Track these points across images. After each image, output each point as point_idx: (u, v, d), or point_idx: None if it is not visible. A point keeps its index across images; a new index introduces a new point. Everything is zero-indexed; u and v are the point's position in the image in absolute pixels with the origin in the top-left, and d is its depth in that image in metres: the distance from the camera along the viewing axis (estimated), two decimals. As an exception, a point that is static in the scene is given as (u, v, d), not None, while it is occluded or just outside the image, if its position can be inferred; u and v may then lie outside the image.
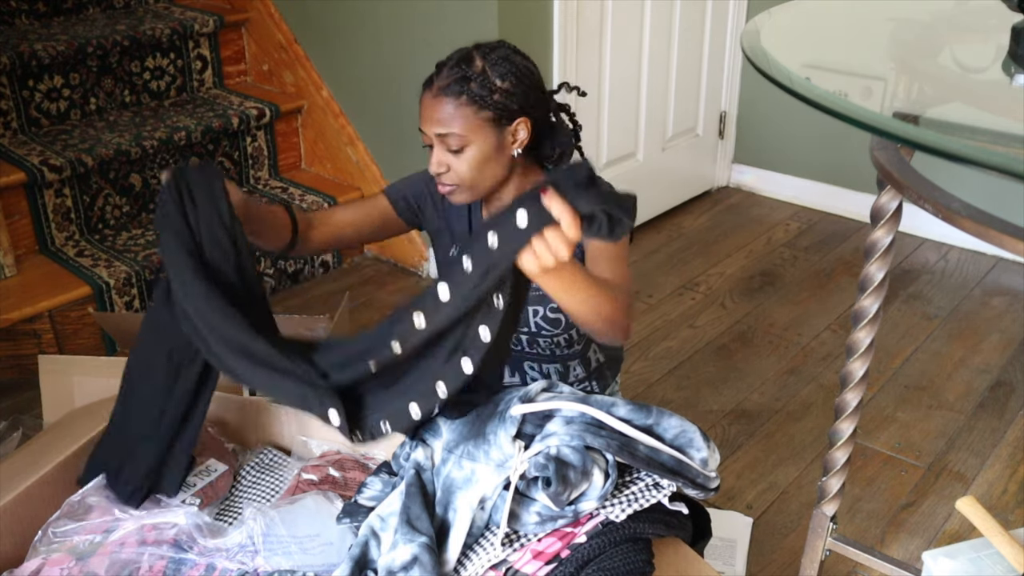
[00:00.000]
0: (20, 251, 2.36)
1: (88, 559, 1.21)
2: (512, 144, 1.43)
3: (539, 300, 1.55)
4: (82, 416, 1.50)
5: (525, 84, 1.41)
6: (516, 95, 1.41)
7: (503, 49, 1.43)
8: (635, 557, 1.10)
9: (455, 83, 1.40)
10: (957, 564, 1.26)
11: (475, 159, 1.42)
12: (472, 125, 1.40)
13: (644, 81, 2.86)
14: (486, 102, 1.39)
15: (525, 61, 1.44)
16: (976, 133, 1.02)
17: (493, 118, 1.40)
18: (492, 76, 1.40)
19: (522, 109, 1.42)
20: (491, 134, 1.41)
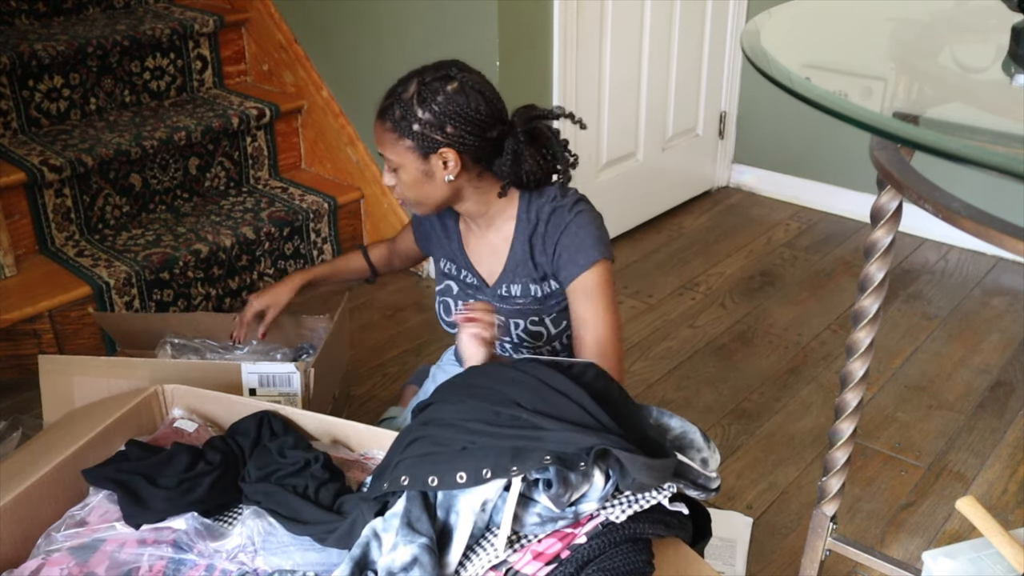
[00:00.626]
0: (20, 251, 2.35)
1: (88, 559, 1.21)
2: (443, 171, 1.44)
3: (519, 313, 1.56)
4: (82, 416, 1.50)
5: (449, 117, 1.40)
6: (436, 127, 1.41)
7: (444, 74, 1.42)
8: (635, 557, 1.10)
9: (387, 107, 1.45)
10: (957, 564, 1.26)
11: (408, 182, 1.47)
12: (397, 150, 1.45)
13: (644, 81, 2.86)
14: (407, 132, 1.42)
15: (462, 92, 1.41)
16: (976, 133, 1.02)
17: (415, 146, 1.42)
18: (415, 106, 1.41)
19: (447, 140, 1.42)
20: (416, 160, 1.44)
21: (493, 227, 1.56)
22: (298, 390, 1.68)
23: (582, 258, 1.47)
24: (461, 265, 1.62)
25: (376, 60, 2.65)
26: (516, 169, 1.47)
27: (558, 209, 1.50)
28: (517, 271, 1.54)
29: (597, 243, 1.48)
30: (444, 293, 1.66)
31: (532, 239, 1.52)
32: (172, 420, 1.47)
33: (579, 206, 1.51)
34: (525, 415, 1.12)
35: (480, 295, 1.60)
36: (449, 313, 1.65)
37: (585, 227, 1.49)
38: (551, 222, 1.50)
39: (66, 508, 1.31)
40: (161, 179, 2.61)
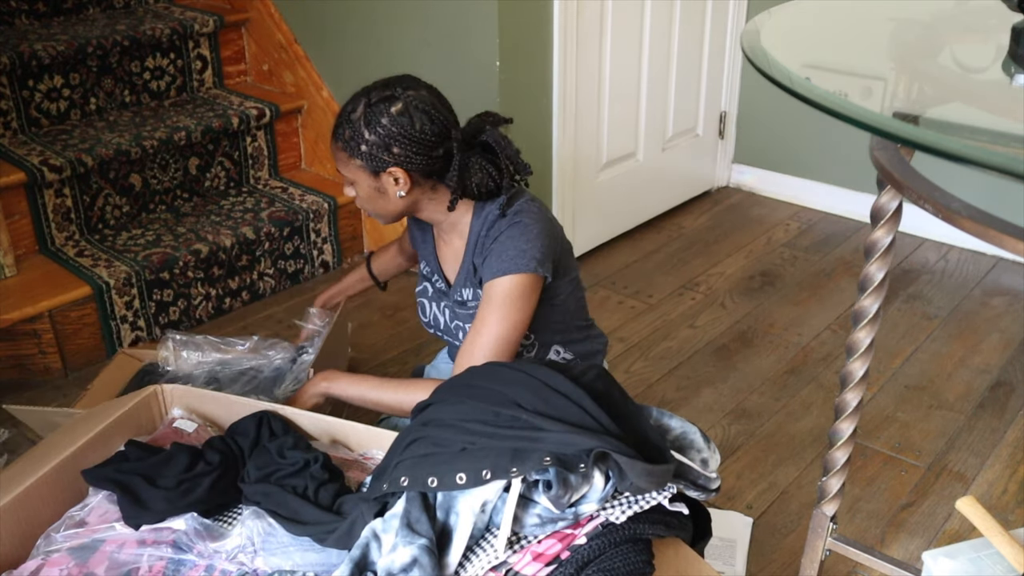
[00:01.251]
0: (20, 251, 2.35)
1: (88, 559, 1.21)
2: (394, 187, 1.47)
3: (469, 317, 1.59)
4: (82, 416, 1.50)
5: (394, 139, 1.42)
6: (383, 149, 1.43)
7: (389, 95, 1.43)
8: (635, 558, 1.10)
9: (337, 127, 1.49)
10: (957, 564, 1.26)
11: (363, 196, 1.53)
12: (349, 169, 1.50)
13: (644, 81, 2.86)
14: (355, 152, 1.46)
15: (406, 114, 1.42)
16: (976, 133, 1.02)
17: (364, 166, 1.45)
18: (362, 127, 1.44)
19: (395, 161, 1.44)
20: (367, 178, 1.48)
21: (456, 232, 1.59)
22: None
23: (498, 265, 1.47)
24: (433, 269, 1.66)
25: (376, 60, 2.65)
26: (463, 183, 1.48)
27: (499, 217, 1.51)
28: (467, 276, 1.57)
29: (521, 255, 1.46)
30: (421, 295, 1.72)
31: (477, 244, 1.54)
32: (171, 420, 1.47)
33: (519, 217, 1.49)
34: (525, 416, 1.12)
35: (445, 299, 1.63)
36: (425, 315, 1.70)
37: (515, 238, 1.47)
38: (492, 228, 1.51)
39: (66, 508, 1.31)
40: (161, 179, 2.61)
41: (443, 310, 1.65)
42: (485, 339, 1.46)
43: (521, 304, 1.47)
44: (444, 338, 1.69)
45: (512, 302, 1.46)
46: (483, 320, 1.47)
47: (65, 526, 1.27)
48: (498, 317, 1.46)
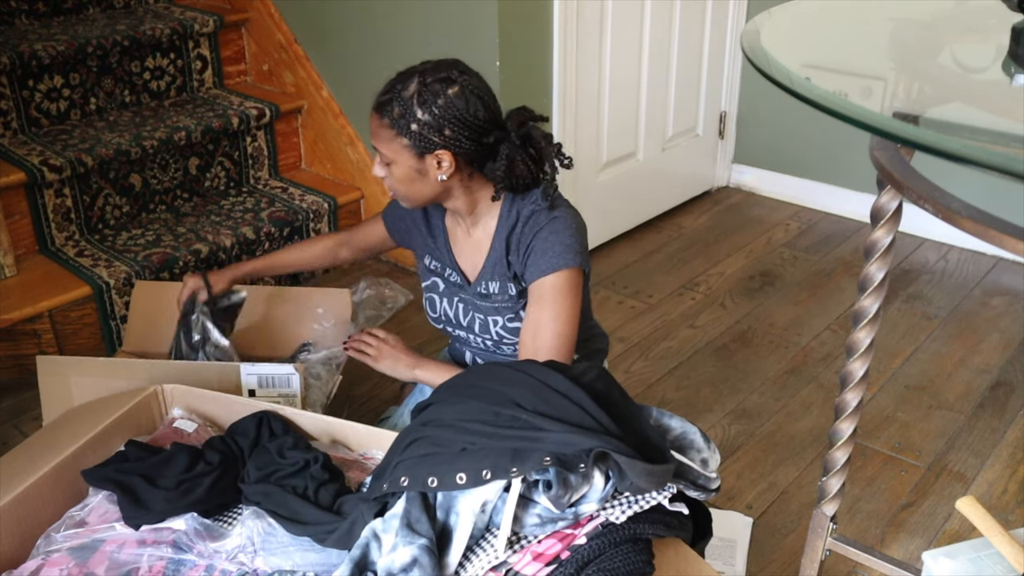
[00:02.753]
0: (20, 251, 2.35)
1: (88, 559, 1.21)
2: (436, 170, 1.45)
3: (496, 311, 1.57)
4: (82, 416, 1.49)
5: (448, 120, 1.41)
6: (435, 129, 1.41)
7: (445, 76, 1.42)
8: (635, 557, 1.10)
9: (385, 103, 1.45)
10: (957, 564, 1.26)
11: (400, 177, 1.48)
12: (393, 147, 1.45)
13: (644, 81, 2.86)
14: (404, 130, 1.43)
15: (462, 96, 1.41)
16: (976, 133, 1.02)
17: (411, 145, 1.42)
18: (415, 106, 1.41)
19: (444, 143, 1.42)
20: (411, 158, 1.45)
21: (479, 224, 1.58)
22: (297, 391, 1.68)
23: (546, 262, 1.47)
24: (446, 264, 1.63)
25: (376, 60, 2.65)
26: (509, 174, 1.48)
27: (536, 212, 1.51)
28: (495, 269, 1.56)
29: (567, 250, 1.47)
30: (430, 290, 1.68)
31: (509, 239, 1.53)
32: (172, 420, 1.47)
33: (558, 211, 1.50)
34: (525, 416, 1.12)
35: (463, 293, 1.61)
36: (435, 310, 1.67)
37: (558, 232, 1.48)
38: (528, 223, 1.51)
39: (66, 508, 1.31)
40: (161, 179, 2.61)
41: (455, 305, 1.63)
42: (546, 337, 1.47)
43: (573, 298, 1.48)
44: (455, 333, 1.67)
45: (564, 297, 1.47)
46: (539, 319, 1.47)
47: (65, 526, 1.27)
48: (554, 314, 1.47)
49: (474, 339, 1.63)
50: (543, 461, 1.06)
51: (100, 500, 1.31)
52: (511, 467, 1.07)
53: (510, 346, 1.60)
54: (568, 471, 1.07)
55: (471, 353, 1.71)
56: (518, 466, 1.07)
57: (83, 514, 1.29)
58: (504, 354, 1.63)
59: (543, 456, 1.07)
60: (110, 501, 1.29)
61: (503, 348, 1.61)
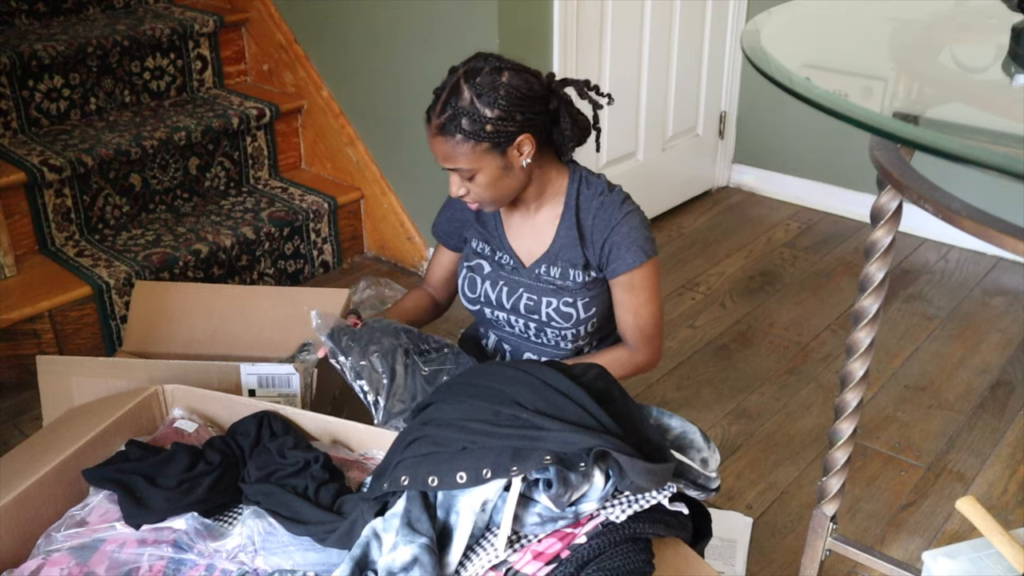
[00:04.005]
0: (20, 251, 2.36)
1: (88, 559, 1.21)
2: (520, 158, 1.48)
3: (554, 293, 1.57)
4: (82, 416, 1.49)
5: (516, 104, 1.42)
6: (508, 119, 1.43)
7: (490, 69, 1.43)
8: (635, 557, 1.10)
9: (448, 122, 1.44)
10: (957, 564, 1.26)
11: (487, 182, 1.48)
12: (474, 157, 1.45)
13: (644, 81, 2.86)
14: (480, 136, 1.43)
15: (514, 76, 1.43)
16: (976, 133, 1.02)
17: (491, 147, 1.43)
18: (481, 108, 1.41)
19: (520, 128, 1.44)
20: (495, 158, 1.46)
21: (543, 209, 1.60)
22: (297, 391, 1.68)
23: (631, 257, 1.53)
24: (497, 247, 1.63)
25: (376, 60, 2.65)
26: (575, 128, 1.53)
27: (607, 204, 1.55)
28: (560, 255, 1.58)
29: (647, 243, 1.55)
30: (474, 270, 1.66)
31: (581, 229, 1.56)
32: (172, 420, 1.47)
33: (627, 205, 1.56)
34: (525, 415, 1.12)
35: (515, 275, 1.61)
36: (474, 290, 1.66)
37: (636, 228, 1.54)
38: (599, 216, 1.55)
39: (66, 508, 1.31)
40: (161, 179, 2.61)
41: (499, 287, 1.62)
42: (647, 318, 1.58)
43: (658, 283, 1.60)
44: (492, 315, 1.65)
45: (654, 283, 1.58)
46: (635, 303, 1.57)
47: (66, 526, 1.27)
48: (648, 298, 1.57)
49: (514, 321, 1.63)
50: (543, 460, 1.06)
51: (101, 500, 1.30)
52: (511, 466, 1.07)
53: (554, 330, 1.60)
54: (568, 470, 1.08)
55: (497, 337, 1.70)
56: (518, 465, 1.07)
57: (84, 514, 1.29)
58: (543, 341, 1.63)
59: (543, 455, 1.07)
60: (111, 501, 1.29)
61: (545, 332, 1.61)
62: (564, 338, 1.60)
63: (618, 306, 1.59)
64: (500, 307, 1.63)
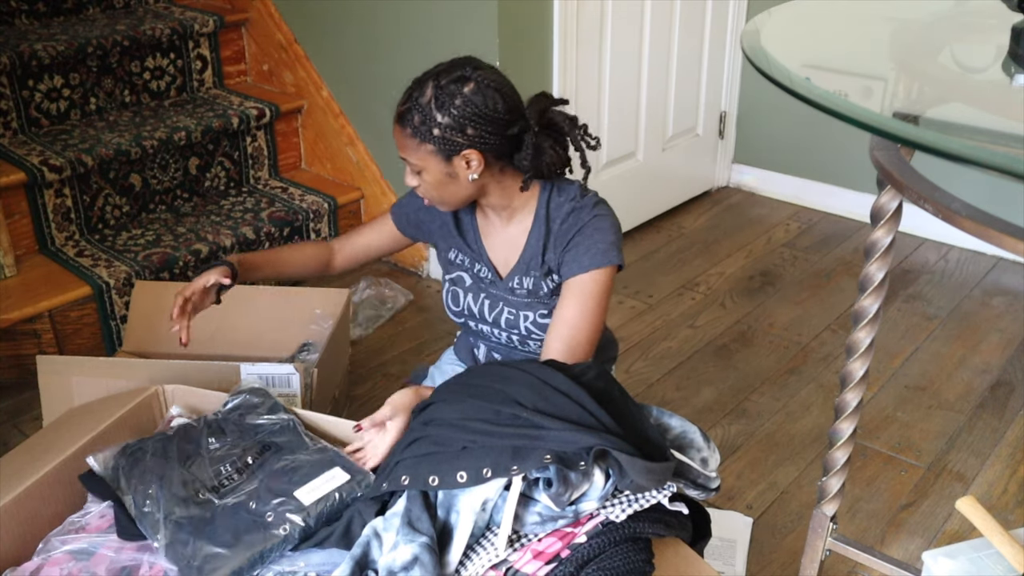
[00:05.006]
0: (20, 251, 2.36)
1: (88, 559, 1.21)
2: (466, 171, 1.44)
3: (528, 306, 1.56)
4: (82, 416, 1.50)
5: (468, 119, 1.40)
6: (457, 130, 1.40)
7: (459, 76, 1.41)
8: (635, 557, 1.10)
9: (405, 112, 1.44)
10: (957, 564, 1.26)
11: (431, 183, 1.47)
12: (419, 155, 1.44)
13: (644, 81, 2.86)
14: (427, 137, 1.41)
15: (479, 91, 1.40)
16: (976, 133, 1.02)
17: (436, 150, 1.42)
18: (434, 111, 1.40)
19: (469, 143, 1.41)
20: (439, 163, 1.44)
21: (515, 219, 1.56)
22: (298, 391, 1.68)
23: (588, 259, 1.47)
24: (475, 259, 1.61)
25: (376, 60, 2.65)
26: (537, 162, 1.47)
27: (577, 209, 1.50)
28: (530, 264, 1.55)
29: (610, 248, 1.47)
30: (455, 283, 1.65)
31: (547, 236, 1.53)
32: (170, 419, 1.47)
33: (599, 208, 1.51)
34: (526, 414, 1.12)
35: (492, 288, 1.60)
36: (457, 303, 1.65)
37: (602, 230, 1.48)
38: (568, 220, 1.50)
39: (66, 508, 1.32)
40: (161, 179, 2.61)
41: (481, 300, 1.62)
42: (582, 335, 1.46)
43: (608, 296, 1.50)
44: (477, 327, 1.64)
45: (601, 295, 1.48)
46: (575, 315, 1.47)
47: (65, 531, 1.27)
48: (591, 311, 1.47)
49: (498, 334, 1.62)
50: (543, 459, 1.06)
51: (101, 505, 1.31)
52: (512, 465, 1.07)
53: (536, 342, 1.59)
54: (568, 469, 1.08)
55: (487, 347, 1.70)
56: (519, 464, 1.07)
57: (83, 522, 1.29)
58: (528, 350, 1.62)
59: (543, 454, 1.07)
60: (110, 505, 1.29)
61: (528, 344, 1.60)
62: None
63: (555, 315, 1.49)
64: (483, 320, 1.62)
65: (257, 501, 1.23)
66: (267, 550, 1.17)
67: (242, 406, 1.43)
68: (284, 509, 1.22)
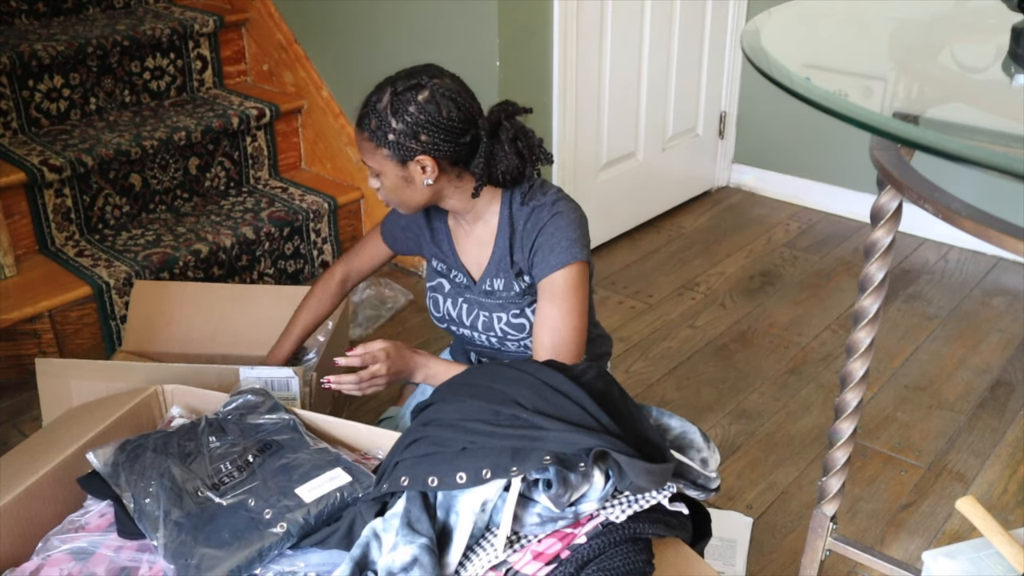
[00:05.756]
0: (20, 251, 2.35)
1: (87, 559, 1.21)
2: (421, 175, 1.47)
3: (501, 307, 1.58)
4: (82, 416, 1.50)
5: (421, 126, 1.42)
6: (410, 136, 1.43)
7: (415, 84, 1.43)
8: (635, 557, 1.10)
9: (363, 116, 1.48)
10: (957, 564, 1.26)
11: (389, 187, 1.51)
12: (376, 159, 1.48)
13: (644, 81, 2.86)
14: (382, 141, 1.45)
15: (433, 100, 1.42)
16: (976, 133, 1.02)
17: (391, 155, 1.44)
18: (388, 116, 1.43)
19: (423, 149, 1.44)
20: (394, 167, 1.47)
21: (481, 221, 1.58)
22: (297, 394, 1.68)
23: (555, 258, 1.49)
24: (451, 265, 1.64)
25: (376, 60, 2.65)
26: (491, 169, 1.49)
27: (537, 208, 1.52)
28: (500, 266, 1.57)
29: (573, 244, 1.49)
30: (435, 290, 1.69)
31: (511, 237, 1.54)
32: (170, 419, 1.47)
33: (559, 206, 1.51)
34: (525, 415, 1.12)
35: (468, 293, 1.62)
36: (438, 309, 1.68)
37: (563, 228, 1.49)
38: (530, 220, 1.52)
39: (66, 507, 1.32)
40: (161, 179, 2.61)
41: (459, 305, 1.64)
42: (565, 335, 1.48)
43: (582, 292, 1.50)
44: (459, 332, 1.67)
45: (575, 292, 1.49)
46: (553, 316, 1.49)
47: (65, 530, 1.27)
48: (568, 309, 1.49)
49: (478, 337, 1.64)
50: (543, 460, 1.06)
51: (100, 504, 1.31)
52: (511, 466, 1.07)
53: (514, 342, 1.60)
54: (568, 470, 1.08)
55: (475, 353, 1.71)
56: (518, 465, 1.07)
57: (83, 521, 1.29)
58: (509, 351, 1.63)
59: (543, 455, 1.07)
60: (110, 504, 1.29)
61: (507, 345, 1.62)
62: (527, 348, 1.60)
63: (536, 319, 1.52)
64: (463, 324, 1.65)
65: (257, 499, 1.23)
66: (265, 548, 1.17)
67: (243, 406, 1.43)
68: (284, 507, 1.22)
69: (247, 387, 1.48)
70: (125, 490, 1.26)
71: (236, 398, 1.45)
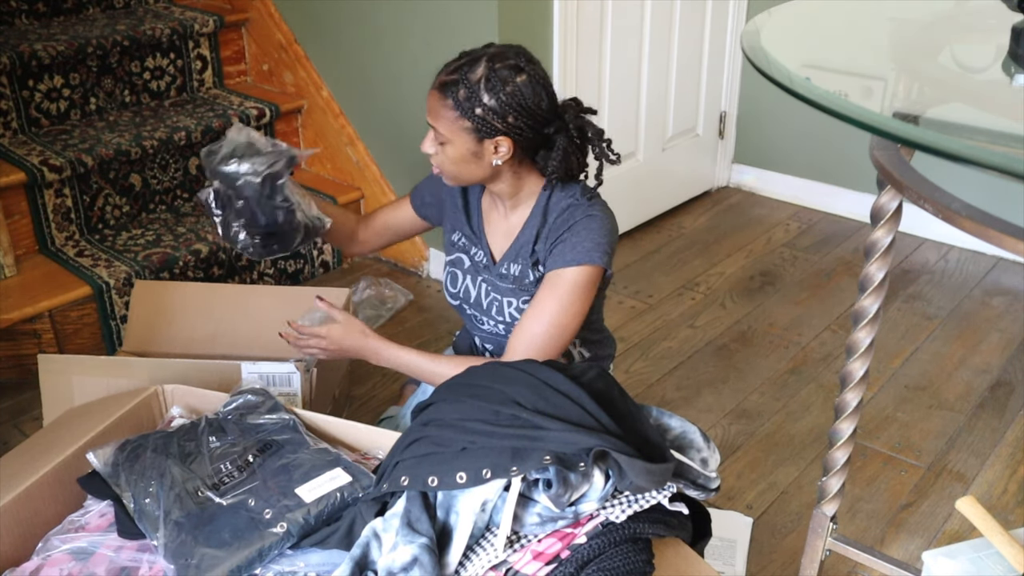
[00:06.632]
0: (20, 251, 2.36)
1: (87, 559, 1.21)
2: (493, 155, 1.46)
3: (513, 292, 1.58)
4: (82, 415, 1.50)
5: (514, 108, 1.42)
6: (499, 115, 1.42)
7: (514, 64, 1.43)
8: (635, 557, 1.10)
9: (450, 84, 1.44)
10: (957, 564, 1.26)
11: (453, 157, 1.48)
12: (453, 128, 1.45)
13: (644, 81, 2.86)
14: (468, 113, 1.43)
15: (530, 84, 1.43)
16: (976, 133, 1.02)
17: (472, 128, 1.43)
18: (482, 90, 1.42)
19: (506, 130, 1.43)
20: (469, 141, 1.45)
21: (517, 209, 1.59)
22: (298, 390, 1.68)
23: (572, 255, 1.48)
24: (474, 243, 1.64)
25: (376, 60, 2.65)
26: (563, 165, 1.50)
27: (573, 206, 1.52)
28: (520, 252, 1.57)
29: (595, 248, 1.48)
30: (455, 264, 1.67)
31: (540, 228, 1.54)
32: (171, 419, 1.47)
33: (595, 209, 1.52)
34: (525, 415, 1.12)
35: (486, 273, 1.61)
36: (455, 285, 1.67)
37: (592, 230, 1.49)
38: (563, 215, 1.52)
39: (66, 508, 1.32)
40: (161, 179, 2.61)
41: (478, 284, 1.63)
42: (545, 325, 1.47)
43: (585, 295, 1.49)
44: (469, 312, 1.67)
45: (578, 292, 1.48)
46: (545, 307, 1.48)
47: (65, 531, 1.27)
48: (562, 306, 1.48)
49: (488, 322, 1.63)
50: (543, 460, 1.06)
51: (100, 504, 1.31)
52: (511, 466, 1.07)
53: None
54: (568, 470, 1.08)
55: (480, 339, 1.71)
56: (518, 465, 1.07)
57: (83, 520, 1.29)
58: None
59: (543, 455, 1.07)
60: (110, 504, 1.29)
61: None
62: None
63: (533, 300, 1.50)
64: (476, 306, 1.64)
65: (257, 499, 1.24)
66: (265, 548, 1.17)
67: (243, 406, 1.43)
68: (284, 507, 1.22)
69: (247, 386, 1.48)
70: (125, 490, 1.26)
71: (236, 398, 1.45)
